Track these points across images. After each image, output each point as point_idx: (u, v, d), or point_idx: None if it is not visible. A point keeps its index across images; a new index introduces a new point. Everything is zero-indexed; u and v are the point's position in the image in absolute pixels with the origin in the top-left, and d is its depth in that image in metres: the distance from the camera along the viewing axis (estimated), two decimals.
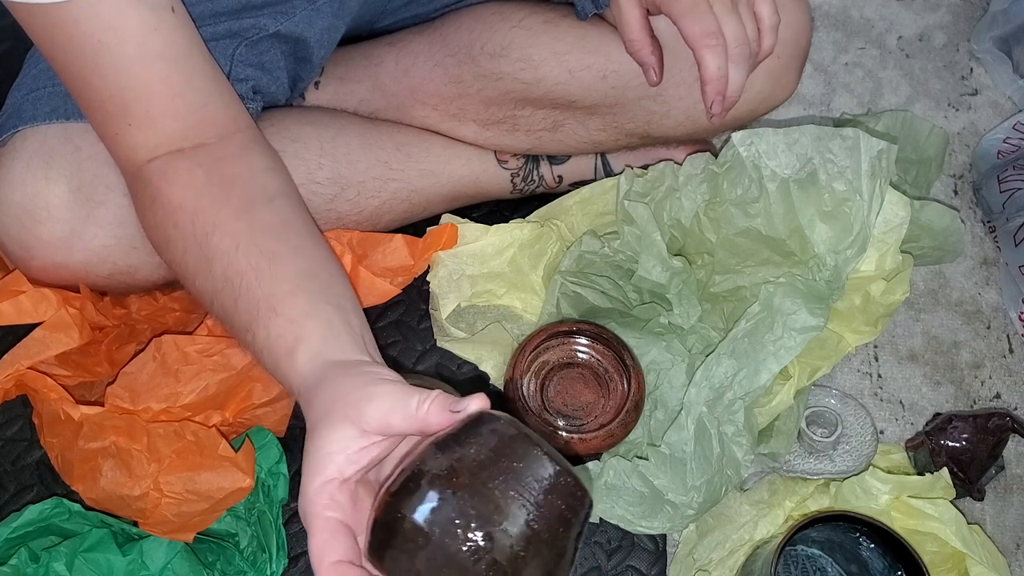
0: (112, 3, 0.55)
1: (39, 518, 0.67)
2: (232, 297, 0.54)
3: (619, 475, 0.72)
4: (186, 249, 0.57)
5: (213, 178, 0.58)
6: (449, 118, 0.81)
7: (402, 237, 0.80)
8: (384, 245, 0.80)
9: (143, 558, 0.65)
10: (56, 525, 0.67)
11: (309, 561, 0.74)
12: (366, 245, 0.79)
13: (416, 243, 0.81)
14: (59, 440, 0.70)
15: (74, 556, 0.64)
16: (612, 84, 0.75)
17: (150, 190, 0.59)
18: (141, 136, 0.59)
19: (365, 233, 0.79)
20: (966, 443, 0.77)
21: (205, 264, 0.56)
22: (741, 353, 0.73)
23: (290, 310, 0.52)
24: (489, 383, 0.82)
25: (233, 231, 0.56)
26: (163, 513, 0.67)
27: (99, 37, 0.55)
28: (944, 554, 0.72)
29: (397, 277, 0.80)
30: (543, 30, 0.75)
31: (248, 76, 0.68)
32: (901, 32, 1.11)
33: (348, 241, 0.78)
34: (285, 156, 0.72)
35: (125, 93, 0.57)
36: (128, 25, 0.56)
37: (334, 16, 0.73)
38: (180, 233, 0.57)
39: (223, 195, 0.57)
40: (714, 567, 0.73)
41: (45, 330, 0.69)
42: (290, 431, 0.78)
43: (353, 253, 0.78)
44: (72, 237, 0.65)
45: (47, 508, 0.67)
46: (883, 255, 0.75)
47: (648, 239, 0.76)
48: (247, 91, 0.68)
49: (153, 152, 0.59)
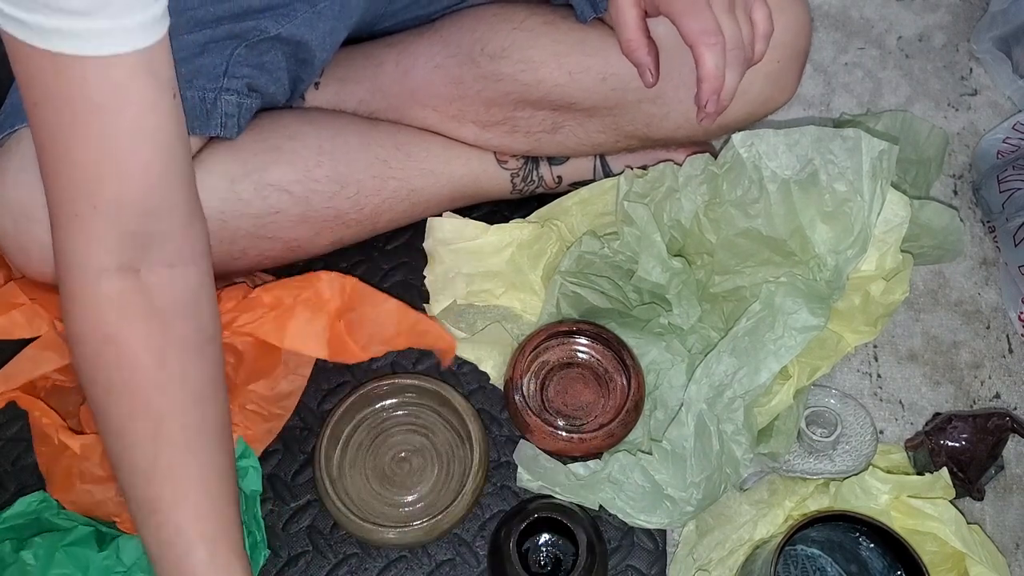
0: (125, 68, 0.52)
1: (28, 510, 0.69)
2: (132, 485, 0.58)
3: (623, 469, 0.72)
4: (123, 406, 0.57)
5: (170, 341, 0.57)
6: (449, 119, 0.81)
7: (396, 306, 0.76)
8: (376, 307, 0.75)
9: (118, 554, 0.67)
10: (46, 519, 0.69)
11: (307, 562, 0.75)
12: (356, 299, 0.75)
13: (408, 315, 0.76)
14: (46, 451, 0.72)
15: (55, 550, 0.66)
16: (612, 86, 0.75)
17: (99, 323, 0.56)
18: (101, 228, 0.55)
19: (363, 286, 0.75)
20: (966, 443, 0.77)
21: (128, 435, 0.57)
22: (741, 351, 0.73)
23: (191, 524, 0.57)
24: (489, 383, 0.82)
25: (173, 441, 0.57)
26: None
27: (101, 100, 0.52)
28: (944, 554, 0.72)
29: (372, 344, 0.76)
30: (543, 32, 0.75)
31: (245, 75, 0.68)
32: (901, 32, 1.11)
33: (341, 287, 0.74)
34: (282, 153, 0.72)
35: (102, 169, 0.54)
36: (132, 95, 0.53)
37: (335, 19, 0.73)
38: (126, 390, 0.57)
39: (177, 377, 0.58)
40: (714, 567, 0.73)
41: (36, 349, 0.69)
42: (289, 430, 0.78)
43: (341, 302, 0.74)
44: None
45: (35, 501, 0.69)
46: (883, 255, 0.75)
47: (648, 240, 0.76)
48: (242, 87, 0.68)
49: (106, 261, 0.55)
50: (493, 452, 0.78)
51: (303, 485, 0.77)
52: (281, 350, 0.76)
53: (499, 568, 0.69)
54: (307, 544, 0.74)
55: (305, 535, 0.75)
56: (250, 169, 0.70)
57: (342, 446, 0.76)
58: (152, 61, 0.53)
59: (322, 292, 0.74)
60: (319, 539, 0.75)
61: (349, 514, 0.71)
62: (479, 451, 0.73)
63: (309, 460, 0.77)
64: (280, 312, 0.73)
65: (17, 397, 0.69)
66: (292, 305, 0.73)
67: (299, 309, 0.73)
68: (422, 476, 0.76)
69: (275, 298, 0.73)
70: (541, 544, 0.73)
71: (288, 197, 0.72)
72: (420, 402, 0.78)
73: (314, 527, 0.75)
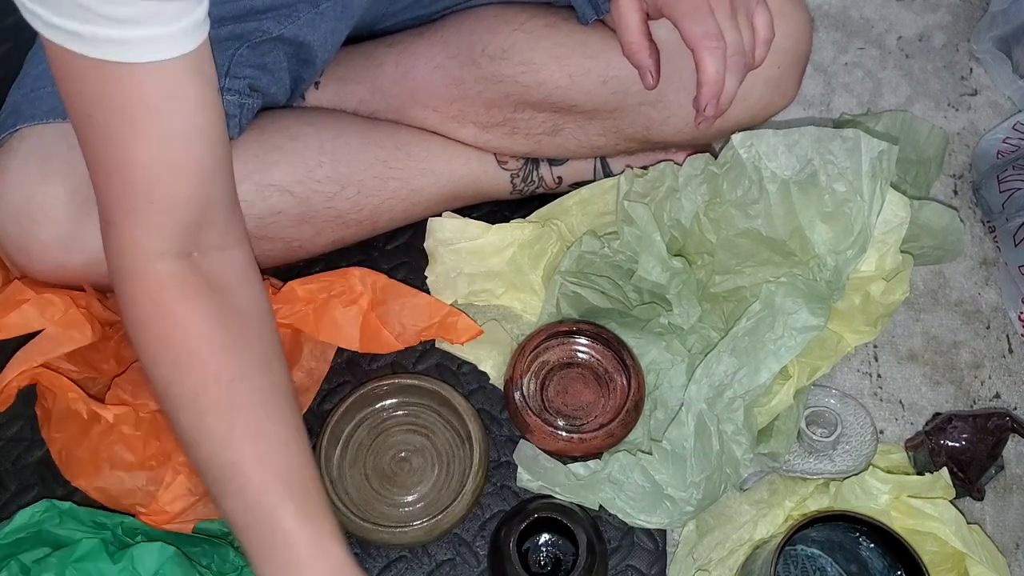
0: (176, 70, 0.52)
1: (30, 523, 0.66)
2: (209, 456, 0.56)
3: (623, 469, 0.72)
4: (193, 377, 0.56)
5: (230, 313, 0.58)
6: (449, 120, 0.81)
7: (427, 299, 0.80)
8: (406, 299, 0.79)
9: (134, 564, 0.63)
10: (47, 531, 0.66)
11: None
12: (388, 292, 0.79)
13: (440, 308, 0.79)
14: (64, 435, 0.70)
15: (64, 567, 0.62)
16: (612, 89, 0.75)
17: (160, 302, 0.56)
18: (158, 220, 0.56)
19: (392, 281, 0.79)
20: (966, 443, 0.77)
21: (200, 403, 0.56)
22: (742, 351, 0.73)
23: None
24: (489, 383, 0.82)
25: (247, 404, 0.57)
26: (174, 493, 0.67)
27: (156, 103, 0.53)
28: (944, 554, 0.72)
29: (406, 335, 0.79)
30: (544, 34, 0.75)
31: (247, 75, 0.68)
32: (901, 32, 1.11)
33: (372, 284, 0.78)
34: (284, 153, 0.72)
35: (159, 168, 0.55)
36: (185, 96, 0.54)
37: (337, 20, 0.73)
38: (195, 361, 0.56)
39: (242, 344, 0.58)
40: (714, 567, 0.73)
41: (58, 327, 0.68)
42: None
43: (373, 296, 0.77)
44: (69, 238, 0.65)
45: (37, 512, 0.66)
46: (883, 255, 0.75)
47: (648, 239, 0.76)
48: (243, 87, 0.68)
49: (164, 247, 0.56)
50: (493, 452, 0.78)
51: None
52: (302, 347, 0.78)
53: (499, 568, 0.69)
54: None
55: None
56: (251, 170, 0.70)
57: (342, 446, 0.76)
58: (200, 61, 0.54)
59: (355, 286, 0.77)
60: None
61: (349, 514, 0.71)
62: (479, 451, 0.73)
63: None
64: (317, 305, 0.76)
65: (40, 373, 0.68)
66: (327, 299, 0.76)
67: (333, 303, 0.76)
68: (422, 476, 0.76)
69: (308, 292, 0.76)
70: (541, 544, 0.73)
71: (289, 197, 0.72)
72: (420, 402, 0.79)
73: None
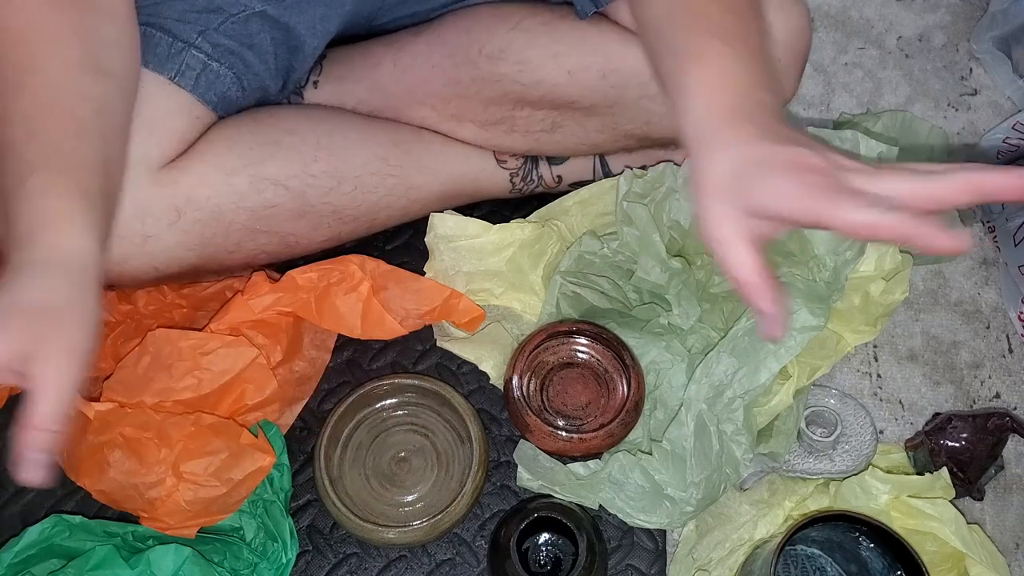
0: None
1: (40, 539, 0.65)
2: None
3: (623, 469, 0.72)
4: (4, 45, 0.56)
5: (79, 21, 0.57)
6: (447, 118, 0.81)
7: (429, 282, 0.80)
8: (407, 283, 0.80)
9: (152, 568, 0.63)
10: (58, 544, 0.66)
11: (307, 561, 0.75)
12: (388, 278, 0.79)
13: (441, 291, 0.80)
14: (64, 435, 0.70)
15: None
16: (612, 83, 0.75)
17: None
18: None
19: (391, 267, 0.79)
20: (966, 443, 0.77)
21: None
22: (741, 351, 0.73)
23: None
24: (489, 383, 0.82)
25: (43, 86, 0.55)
26: (176, 501, 0.67)
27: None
28: (944, 554, 0.72)
29: (409, 319, 0.80)
30: (541, 32, 0.75)
31: (224, 44, 0.68)
32: (901, 32, 1.11)
33: (372, 270, 0.78)
34: (279, 147, 0.72)
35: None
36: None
37: (326, 6, 0.73)
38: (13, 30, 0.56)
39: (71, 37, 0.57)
40: (714, 566, 0.73)
41: None
42: (289, 430, 0.78)
43: (373, 282, 0.78)
44: None
45: (47, 527, 0.66)
46: (882, 255, 0.75)
47: (647, 240, 0.76)
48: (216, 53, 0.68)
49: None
50: (493, 452, 0.78)
51: (303, 485, 0.77)
52: (303, 336, 0.79)
53: (499, 568, 0.69)
54: (307, 544, 0.74)
55: (305, 535, 0.75)
56: (247, 162, 0.70)
57: (342, 446, 0.76)
58: None
59: (354, 273, 0.77)
60: (319, 539, 0.75)
61: (349, 514, 0.71)
62: (479, 451, 0.73)
63: (309, 460, 0.77)
64: (318, 293, 0.76)
65: None
66: (327, 286, 0.77)
67: (334, 290, 0.77)
68: (422, 476, 0.76)
69: (308, 280, 0.76)
70: (541, 544, 0.73)
71: (285, 191, 0.72)
72: (420, 402, 0.79)
73: (314, 527, 0.75)
